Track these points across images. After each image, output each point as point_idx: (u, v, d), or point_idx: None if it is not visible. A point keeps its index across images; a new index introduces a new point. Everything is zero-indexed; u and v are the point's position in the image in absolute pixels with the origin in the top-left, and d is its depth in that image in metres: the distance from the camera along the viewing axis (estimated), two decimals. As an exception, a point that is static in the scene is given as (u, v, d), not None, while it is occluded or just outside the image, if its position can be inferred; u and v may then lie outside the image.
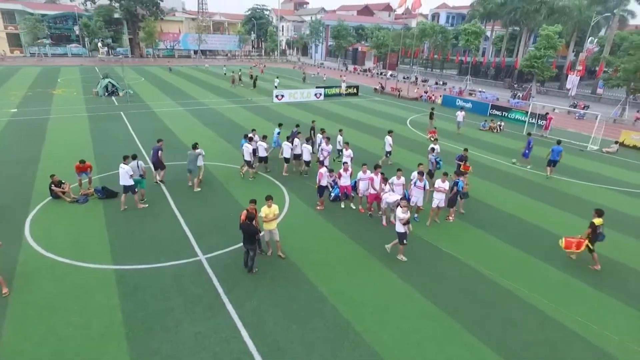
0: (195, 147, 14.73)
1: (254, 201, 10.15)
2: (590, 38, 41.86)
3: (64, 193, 13.62)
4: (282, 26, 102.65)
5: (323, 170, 13.60)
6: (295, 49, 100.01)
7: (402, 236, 10.58)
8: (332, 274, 10.16)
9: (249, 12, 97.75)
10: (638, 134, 25.19)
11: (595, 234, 10.72)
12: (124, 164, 12.66)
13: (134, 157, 13.24)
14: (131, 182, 12.75)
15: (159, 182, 15.18)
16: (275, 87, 39.56)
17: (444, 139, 23.09)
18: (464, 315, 8.83)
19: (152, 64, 67.44)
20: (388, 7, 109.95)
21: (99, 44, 70.53)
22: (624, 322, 8.88)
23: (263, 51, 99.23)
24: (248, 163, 15.89)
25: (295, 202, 14.29)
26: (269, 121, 26.46)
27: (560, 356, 7.84)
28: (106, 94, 34.30)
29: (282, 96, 35.56)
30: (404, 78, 54.75)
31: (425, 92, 41.74)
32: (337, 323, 8.44)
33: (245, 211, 10.10)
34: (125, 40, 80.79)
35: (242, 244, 9.92)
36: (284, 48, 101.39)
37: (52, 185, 13.56)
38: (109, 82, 34.99)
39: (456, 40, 66.48)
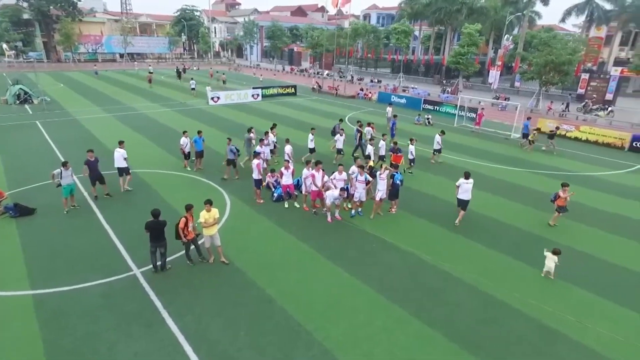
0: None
1: (190, 207, 9.58)
2: (506, 36, 45.45)
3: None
4: (215, 27, 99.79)
5: (258, 161, 13.60)
6: (229, 50, 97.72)
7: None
8: (280, 275, 9.86)
9: (178, 13, 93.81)
10: (552, 122, 27.69)
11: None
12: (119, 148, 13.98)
13: (64, 164, 12.45)
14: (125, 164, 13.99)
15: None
16: (193, 89, 38.21)
17: (379, 133, 23.58)
18: (412, 303, 8.97)
19: (73, 69, 62.14)
20: (321, 8, 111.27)
21: (5, 47, 63.35)
22: (559, 295, 9.56)
23: (196, 53, 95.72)
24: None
25: (237, 205, 13.76)
26: (206, 124, 25.42)
27: (504, 332, 8.22)
28: (17, 101, 30.89)
29: (218, 98, 34.42)
30: (340, 77, 55.63)
31: (362, 90, 42.70)
32: (288, 324, 8.17)
33: (182, 218, 9.50)
34: (39, 43, 73.62)
35: (150, 244, 9.44)
36: (217, 50, 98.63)
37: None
38: (21, 88, 31.58)
39: (387, 40, 69.02)
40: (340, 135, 18.43)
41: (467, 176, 12.55)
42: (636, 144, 23.76)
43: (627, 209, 14.63)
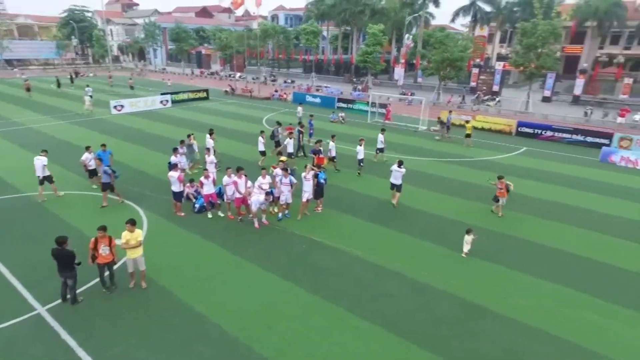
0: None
1: (103, 228, 8.68)
2: (406, 35, 48.78)
3: None
4: (111, 29, 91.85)
5: (179, 174, 12.81)
6: (130, 54, 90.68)
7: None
8: (209, 290, 9.40)
9: (66, 14, 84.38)
10: (453, 113, 30.37)
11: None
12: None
13: None
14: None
15: None
16: (90, 96, 34.85)
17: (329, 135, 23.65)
18: (346, 299, 9.16)
19: None
20: (228, 9, 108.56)
21: None
22: (479, 273, 10.48)
23: (91, 58, 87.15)
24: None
25: (155, 221, 12.81)
26: (112, 136, 23.25)
27: (433, 314, 8.80)
28: None
29: (122, 106, 31.72)
30: (253, 79, 54.89)
31: (276, 91, 42.63)
32: (224, 340, 7.82)
33: (93, 239, 8.60)
34: None
35: (58, 273, 8.45)
36: (116, 54, 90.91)
37: None
38: None
39: (297, 40, 69.81)
40: (290, 138, 18.42)
41: (399, 164, 13.96)
42: (521, 129, 27.12)
43: (522, 188, 16.56)
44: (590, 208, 14.86)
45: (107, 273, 9.16)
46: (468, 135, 23.69)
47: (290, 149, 18.46)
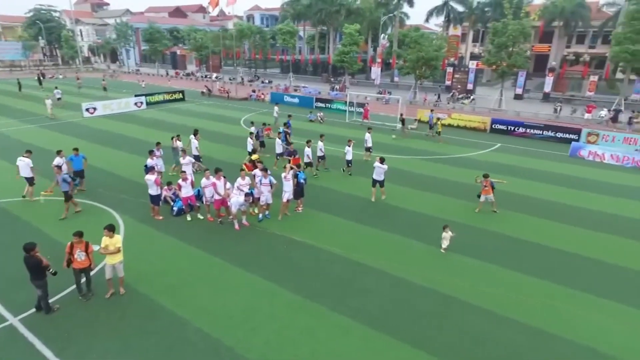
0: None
1: (78, 233, 8.46)
2: (382, 35, 49.32)
3: None
4: (80, 30, 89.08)
5: (156, 177, 12.56)
6: (102, 55, 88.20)
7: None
8: (191, 294, 9.28)
9: (31, 14, 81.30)
10: (429, 111, 30.88)
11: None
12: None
13: None
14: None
15: None
16: (59, 99, 33.86)
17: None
18: (327, 297, 9.22)
19: None
20: (202, 9, 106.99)
21: None
22: (456, 267, 10.72)
23: (60, 59, 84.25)
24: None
25: (132, 225, 12.54)
26: (85, 139, 22.57)
27: (413, 308, 8.95)
28: None
29: (95, 109, 30.84)
30: (230, 79, 54.34)
31: (254, 92, 42.35)
32: (207, 344, 7.74)
33: (69, 243, 8.42)
34: None
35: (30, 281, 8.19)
36: (87, 55, 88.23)
37: None
38: None
39: (274, 40, 69.46)
40: (278, 138, 18.76)
41: (381, 161, 14.41)
42: (495, 126, 27.86)
43: (497, 184, 17.02)
44: (562, 202, 15.43)
45: (84, 279, 8.92)
46: (438, 133, 24.46)
47: (280, 149, 18.58)
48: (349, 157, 17.41)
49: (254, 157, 15.77)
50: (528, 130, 26.66)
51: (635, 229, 13.17)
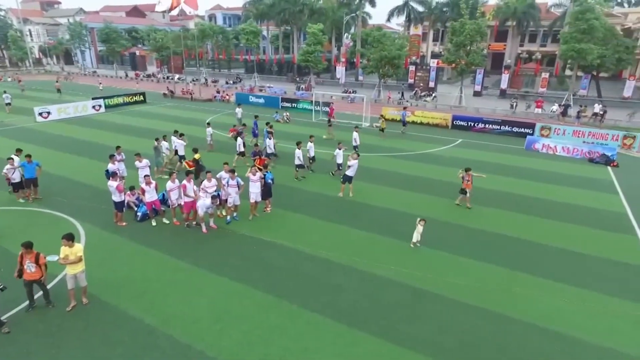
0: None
1: (26, 245, 8.10)
2: (345, 34, 49.82)
3: None
4: (30, 30, 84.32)
5: (118, 183, 12.16)
6: (55, 56, 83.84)
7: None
8: (158, 300, 9.08)
9: (-26, 13, 76.20)
10: (393, 109, 31.61)
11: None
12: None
13: None
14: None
15: None
16: (8, 103, 31.90)
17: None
18: (299, 296, 9.29)
19: None
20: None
21: None
22: (424, 260, 11.06)
23: (7, 61, 79.34)
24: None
25: (94, 233, 12.09)
26: (39, 145, 21.42)
27: (381, 301, 9.18)
28: None
29: (49, 113, 29.33)
30: (192, 80, 53.15)
31: (218, 92, 41.68)
32: (176, 350, 7.62)
33: (20, 252, 8.07)
34: None
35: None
36: (38, 56, 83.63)
37: None
38: None
39: (237, 40, 68.54)
40: (270, 139, 18.72)
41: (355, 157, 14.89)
42: (456, 122, 28.86)
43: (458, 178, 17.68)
44: (520, 193, 16.23)
45: (40, 293, 8.54)
46: (382, 130, 25.48)
47: (271, 149, 18.74)
48: (339, 160, 17.33)
49: (196, 156, 15.71)
50: (487, 126, 27.81)
51: (589, 217, 14.07)
